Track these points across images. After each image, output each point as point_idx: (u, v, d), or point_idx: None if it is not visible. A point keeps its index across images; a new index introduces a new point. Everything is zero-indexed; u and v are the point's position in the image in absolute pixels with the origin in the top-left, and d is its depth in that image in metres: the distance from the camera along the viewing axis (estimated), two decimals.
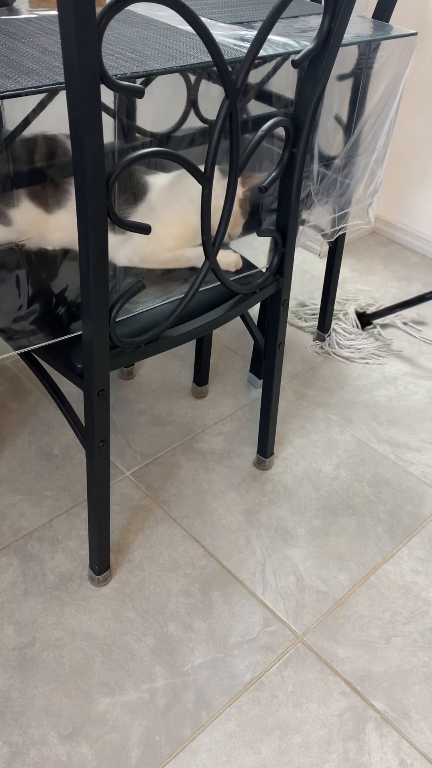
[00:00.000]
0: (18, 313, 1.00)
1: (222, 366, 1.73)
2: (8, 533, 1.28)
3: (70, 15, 0.68)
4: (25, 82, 0.83)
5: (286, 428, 1.56)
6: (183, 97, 1.11)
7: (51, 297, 1.04)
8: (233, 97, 0.88)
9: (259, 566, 1.27)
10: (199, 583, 1.23)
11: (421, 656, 1.15)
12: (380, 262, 2.24)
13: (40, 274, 1.02)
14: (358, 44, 1.24)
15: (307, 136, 1.05)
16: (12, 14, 1.10)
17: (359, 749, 1.03)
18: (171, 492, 1.39)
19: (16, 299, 1.00)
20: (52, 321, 1.02)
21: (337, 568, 1.28)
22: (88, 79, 0.72)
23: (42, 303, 1.03)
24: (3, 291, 0.99)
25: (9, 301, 0.99)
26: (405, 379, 1.74)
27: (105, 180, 0.81)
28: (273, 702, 1.08)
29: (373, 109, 1.32)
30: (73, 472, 1.41)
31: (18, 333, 1.01)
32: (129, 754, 1.01)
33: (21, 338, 1.01)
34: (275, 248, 1.17)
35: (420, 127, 2.14)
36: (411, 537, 1.35)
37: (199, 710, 1.06)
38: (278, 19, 0.87)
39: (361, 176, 1.38)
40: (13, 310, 1.00)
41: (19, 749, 1.00)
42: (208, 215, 0.97)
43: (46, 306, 1.03)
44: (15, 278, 0.99)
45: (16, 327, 1.00)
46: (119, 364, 1.02)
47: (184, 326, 1.09)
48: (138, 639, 1.14)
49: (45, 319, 1.02)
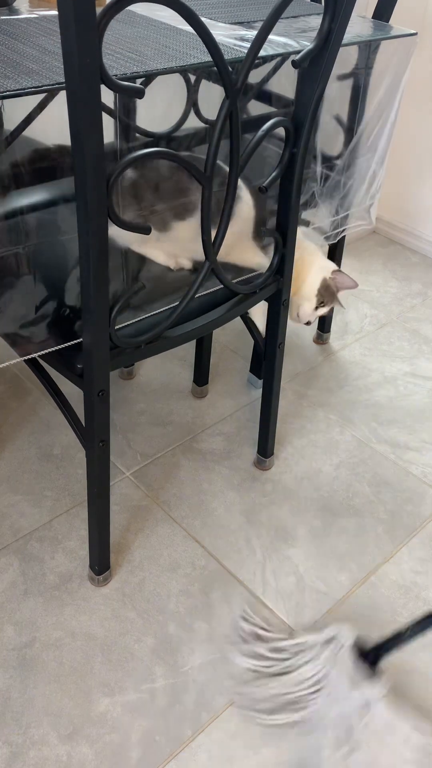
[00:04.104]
0: (25, 319, 1.00)
1: (222, 366, 1.73)
2: (8, 533, 1.28)
3: (70, 15, 0.68)
4: (25, 82, 0.83)
5: (286, 428, 1.56)
6: (183, 97, 1.11)
7: (59, 301, 1.04)
8: (233, 97, 0.88)
9: (259, 566, 1.27)
10: (199, 583, 1.23)
11: (421, 656, 1.15)
12: (380, 262, 2.24)
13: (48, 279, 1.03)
14: (358, 44, 1.24)
15: (308, 137, 1.05)
16: (12, 14, 1.10)
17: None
18: (171, 492, 1.39)
19: (22, 305, 1.00)
20: (60, 326, 1.02)
21: (337, 568, 1.28)
22: (88, 79, 0.72)
23: (49, 308, 1.02)
24: (9, 296, 0.98)
25: (16, 306, 0.99)
26: (405, 379, 1.74)
27: (105, 180, 0.81)
28: None
29: (375, 110, 1.32)
30: (73, 472, 1.41)
31: (24, 338, 1.00)
32: (129, 754, 1.01)
33: (27, 344, 1.00)
34: (275, 248, 1.17)
35: (420, 127, 2.14)
36: (411, 537, 1.35)
37: (199, 710, 1.06)
38: (278, 19, 0.87)
39: (363, 177, 1.38)
40: (20, 315, 1.00)
41: (19, 749, 1.00)
42: (208, 216, 0.97)
43: (53, 311, 1.02)
44: (22, 283, 0.99)
45: (23, 333, 1.00)
46: (119, 364, 1.02)
47: (184, 326, 1.09)
48: (138, 639, 1.14)
49: (53, 324, 1.02)
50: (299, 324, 1.46)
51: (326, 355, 1.80)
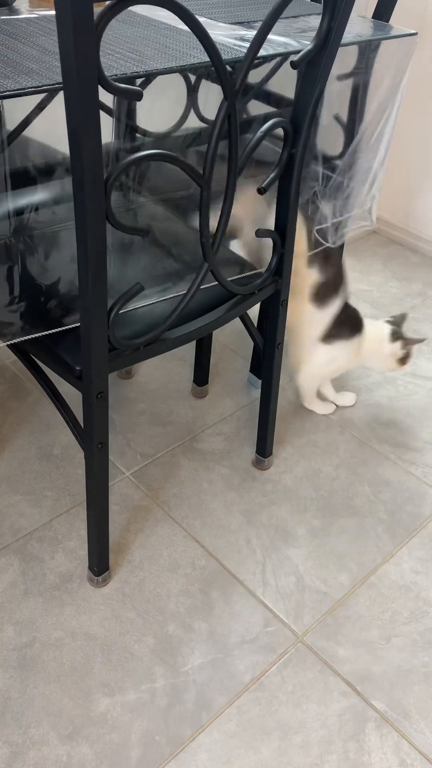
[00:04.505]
0: (10, 307, 0.99)
1: (222, 366, 1.73)
2: (8, 533, 1.29)
3: (68, 17, 0.68)
4: (25, 82, 0.83)
5: (286, 428, 1.56)
6: (183, 97, 1.11)
7: (45, 290, 1.03)
8: (232, 98, 0.88)
9: (259, 566, 1.27)
10: (199, 583, 1.23)
11: (421, 656, 1.15)
12: (380, 262, 2.24)
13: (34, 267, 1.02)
14: (358, 44, 1.23)
15: (306, 137, 1.05)
16: (12, 14, 1.10)
17: (359, 749, 1.03)
18: (171, 492, 1.39)
19: (8, 292, 0.99)
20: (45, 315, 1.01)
21: (337, 568, 1.28)
22: (85, 81, 0.72)
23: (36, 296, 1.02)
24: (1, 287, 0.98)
25: (3, 295, 0.99)
26: (405, 379, 1.74)
27: (103, 182, 0.81)
28: (273, 702, 1.08)
29: (375, 110, 1.32)
30: (73, 472, 1.41)
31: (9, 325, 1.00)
32: (129, 754, 1.01)
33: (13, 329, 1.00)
34: (274, 249, 1.17)
35: (420, 127, 2.14)
36: (411, 537, 1.35)
37: (199, 710, 1.06)
38: (278, 18, 0.87)
39: (365, 178, 1.38)
40: (4, 302, 0.99)
41: (19, 749, 1.00)
42: (207, 217, 0.97)
43: (40, 299, 1.02)
44: (7, 271, 0.98)
45: (8, 319, 0.99)
46: (118, 366, 1.02)
47: (183, 328, 1.09)
48: (138, 639, 1.14)
49: (38, 312, 1.01)
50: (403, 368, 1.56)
51: None
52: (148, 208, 1.20)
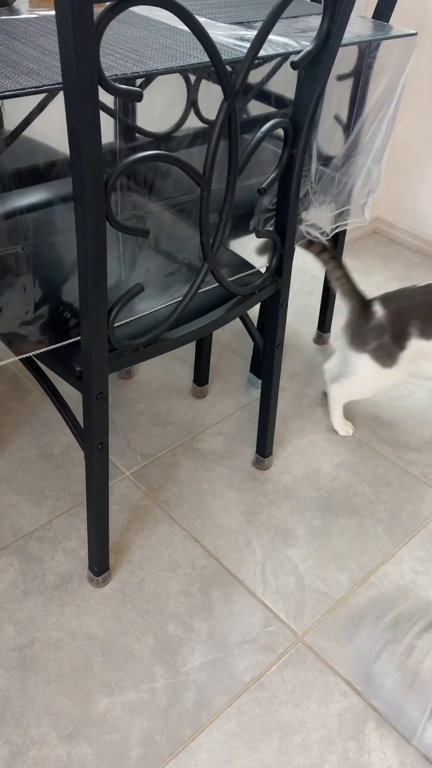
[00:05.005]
0: (24, 318, 1.00)
1: (222, 366, 1.73)
2: (8, 533, 1.29)
3: (68, 18, 0.68)
4: (25, 82, 0.83)
5: (286, 428, 1.56)
6: (183, 97, 1.11)
7: (57, 302, 1.04)
8: (232, 99, 0.88)
9: (259, 566, 1.27)
10: (199, 583, 1.23)
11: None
12: (380, 262, 2.24)
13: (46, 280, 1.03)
14: (358, 44, 1.24)
15: (307, 138, 1.05)
16: (12, 14, 1.10)
17: (359, 749, 1.03)
18: (171, 492, 1.39)
19: (21, 304, 1.00)
20: (56, 326, 1.02)
21: (337, 568, 1.28)
22: (85, 82, 0.72)
23: (47, 308, 1.02)
24: (8, 296, 0.98)
25: (14, 306, 0.99)
26: (405, 379, 1.74)
27: (103, 184, 0.81)
28: (273, 702, 1.08)
29: (372, 109, 1.32)
30: (73, 472, 1.41)
31: (21, 338, 1.00)
32: (129, 754, 1.01)
33: (23, 343, 1.01)
34: (274, 249, 1.17)
35: (420, 127, 2.14)
36: (411, 537, 1.35)
37: (199, 710, 1.06)
38: (278, 19, 0.87)
39: (359, 175, 1.38)
40: (18, 315, 1.00)
41: (19, 749, 1.00)
42: (207, 217, 0.97)
43: (51, 311, 1.03)
44: (21, 283, 0.99)
45: (20, 332, 1.00)
46: (118, 366, 1.02)
47: (183, 328, 1.09)
48: (138, 639, 1.14)
49: (50, 324, 1.02)
50: None
51: (326, 355, 1.80)
52: (149, 209, 1.20)
